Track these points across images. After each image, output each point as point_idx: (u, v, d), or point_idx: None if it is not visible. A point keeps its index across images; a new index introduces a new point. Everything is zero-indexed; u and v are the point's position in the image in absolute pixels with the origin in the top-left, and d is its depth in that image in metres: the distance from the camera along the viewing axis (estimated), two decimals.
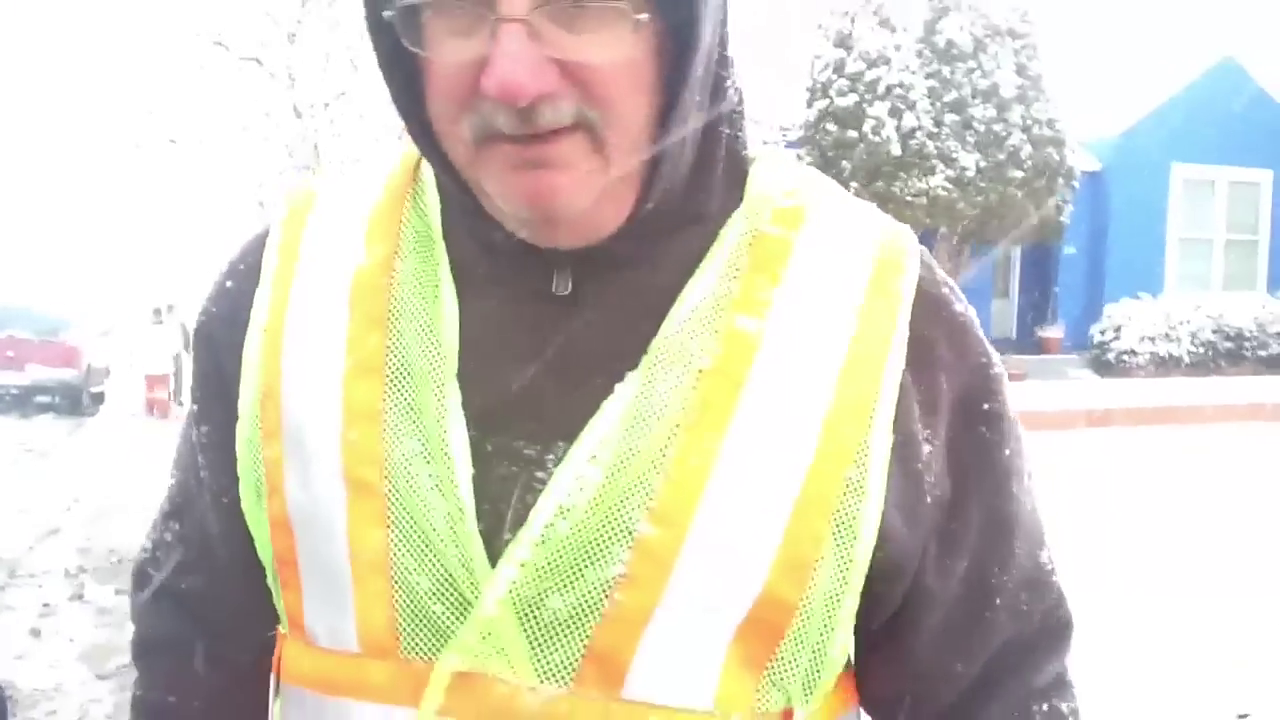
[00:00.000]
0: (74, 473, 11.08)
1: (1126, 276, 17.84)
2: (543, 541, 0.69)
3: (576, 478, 0.70)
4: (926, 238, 16.04)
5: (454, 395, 0.73)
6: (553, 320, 0.75)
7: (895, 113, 15.45)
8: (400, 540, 0.72)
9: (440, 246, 0.79)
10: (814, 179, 0.83)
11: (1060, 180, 15.79)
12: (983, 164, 15.37)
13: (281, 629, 0.83)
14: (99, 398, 20.54)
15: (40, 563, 6.99)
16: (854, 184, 14.63)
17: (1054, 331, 18.00)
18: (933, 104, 15.56)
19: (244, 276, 0.84)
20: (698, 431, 0.70)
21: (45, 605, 6.00)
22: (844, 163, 15.32)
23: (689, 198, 0.77)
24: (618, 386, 0.72)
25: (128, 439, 14.19)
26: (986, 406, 0.80)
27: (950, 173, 15.27)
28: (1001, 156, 15.40)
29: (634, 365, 0.73)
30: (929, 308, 0.79)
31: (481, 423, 0.73)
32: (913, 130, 15.35)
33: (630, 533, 0.69)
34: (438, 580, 0.71)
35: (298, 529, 0.77)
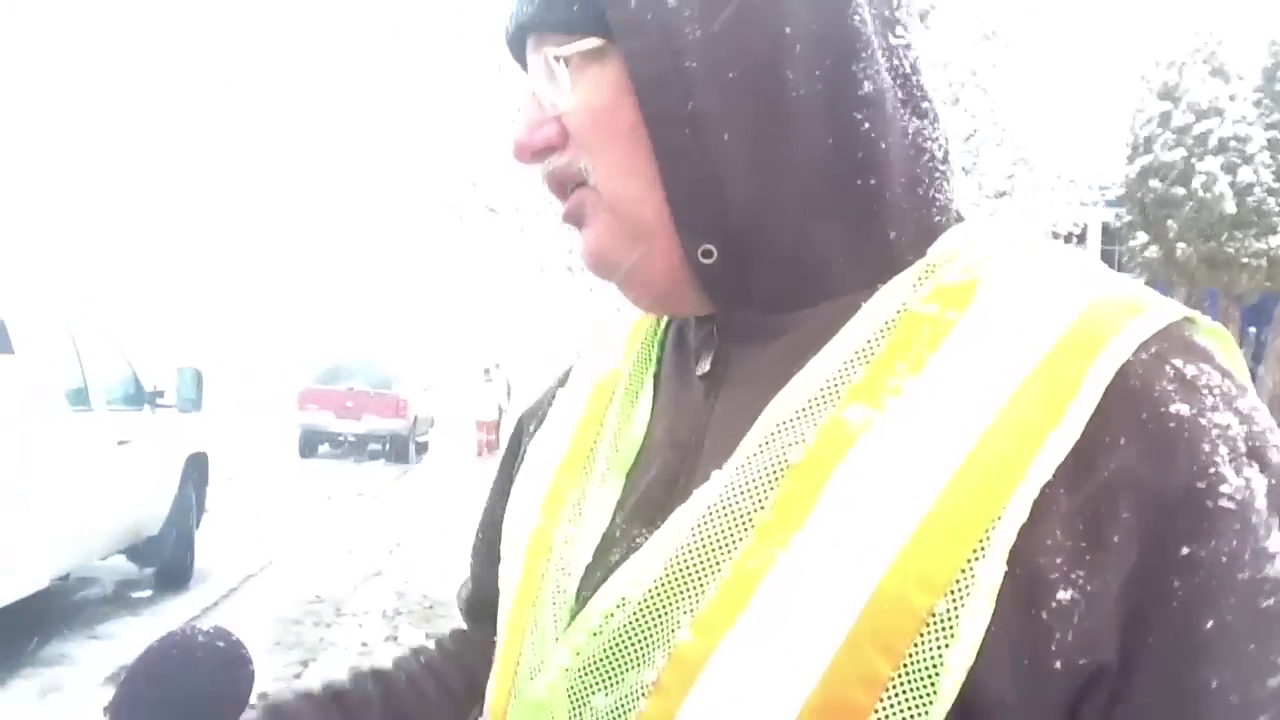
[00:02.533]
0: (398, 518, 11.91)
1: None
2: (597, 632, 0.65)
3: (643, 567, 0.65)
4: (1267, 302, 14.73)
5: (614, 488, 0.73)
6: (691, 402, 0.72)
7: (1229, 167, 14.37)
8: (530, 622, 0.74)
9: (658, 341, 0.80)
10: (1023, 250, 0.67)
11: None
12: None
13: None
14: (423, 447, 22.09)
15: (362, 603, 7.53)
16: (1181, 244, 13.64)
17: None
18: (1273, 156, 14.33)
19: (561, 374, 0.93)
20: (767, 532, 0.60)
21: (364, 644, 6.45)
22: (1169, 222, 14.35)
23: (822, 265, 0.67)
24: (714, 473, 0.65)
25: (452, 484, 15.12)
26: (1187, 551, 0.55)
27: None
28: None
29: None
30: (1128, 404, 0.58)
31: (623, 510, 0.72)
32: (1249, 186, 14.20)
33: (672, 636, 0.61)
34: (538, 661, 0.71)
35: (501, 596, 0.81)
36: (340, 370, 20.59)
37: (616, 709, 0.63)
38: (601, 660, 0.64)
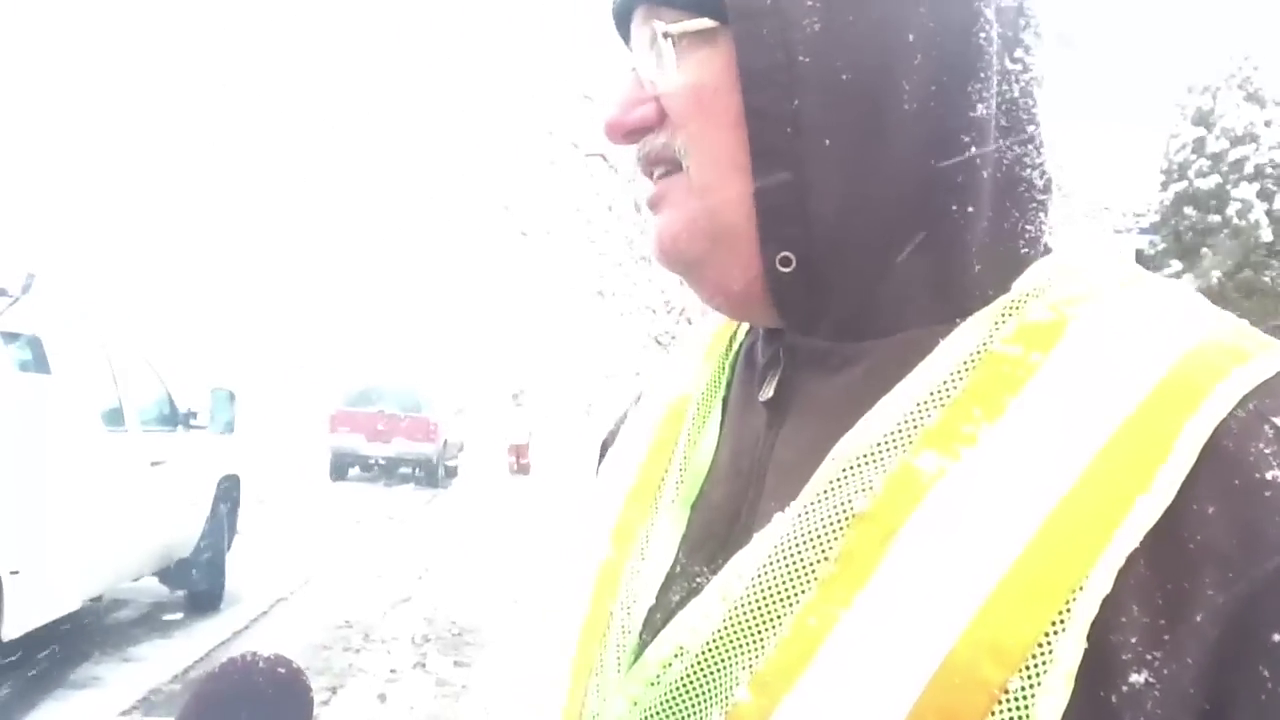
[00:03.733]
0: (427, 542, 11.91)
1: None
2: (654, 683, 0.62)
3: (704, 615, 0.61)
4: None
5: (679, 521, 0.70)
6: (754, 430, 0.68)
7: (1266, 194, 14.22)
8: (596, 661, 0.71)
9: (729, 363, 0.77)
10: (1119, 285, 0.62)
11: None
12: None
13: None
14: (452, 471, 22.12)
15: (391, 629, 7.51)
16: (1216, 273, 13.50)
17: None
18: None
19: (636, 392, 0.89)
20: (831, 587, 0.56)
21: (392, 671, 6.43)
22: (1204, 250, 14.22)
23: (903, 293, 0.63)
24: (777, 516, 0.61)
25: (482, 509, 15.11)
26: (1278, 639, 0.50)
27: None
28: None
29: None
30: (1219, 468, 0.52)
31: (686, 545, 0.68)
32: None
33: (730, 694, 0.58)
34: (601, 704, 0.68)
35: (565, 628, 0.78)
36: (371, 393, 20.69)
37: None
38: (657, 713, 0.62)
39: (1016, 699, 0.51)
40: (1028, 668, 0.51)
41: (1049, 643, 0.51)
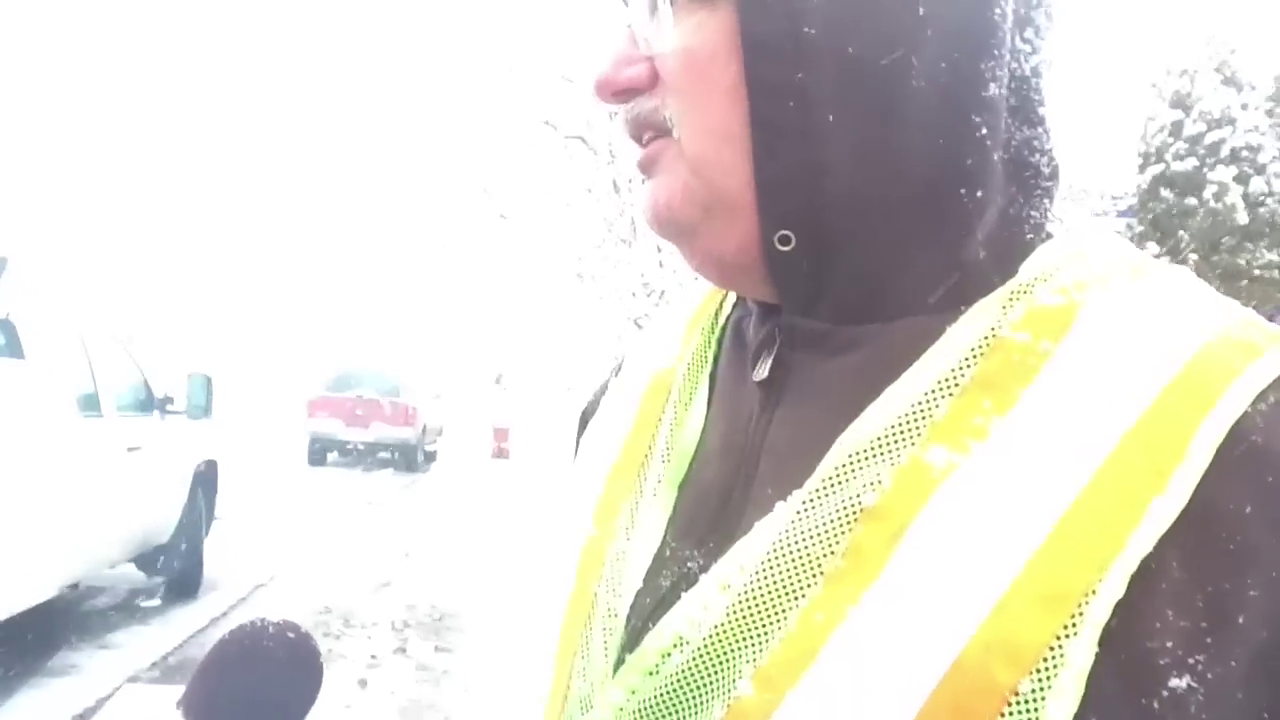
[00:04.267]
0: (407, 527, 11.89)
1: None
2: (653, 673, 0.60)
3: (704, 606, 0.59)
4: (1275, 316, 14.67)
5: (666, 502, 0.68)
6: (746, 410, 0.66)
7: (1242, 178, 14.31)
8: (581, 644, 0.69)
9: (716, 337, 0.74)
10: (1129, 272, 0.60)
11: None
12: None
13: None
14: (431, 456, 22.09)
15: (371, 614, 7.49)
16: (1193, 256, 13.60)
17: None
18: None
19: (616, 363, 0.87)
20: (839, 583, 0.55)
21: (373, 657, 6.41)
22: (1181, 232, 14.32)
23: (907, 277, 0.60)
24: (779, 505, 0.59)
25: (461, 493, 15.10)
26: None
27: None
28: None
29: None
30: (1251, 466, 0.51)
31: (674, 526, 0.66)
32: (1262, 196, 14.15)
33: (732, 687, 0.56)
34: (589, 691, 0.66)
35: (549, 608, 0.77)
36: (349, 378, 20.61)
37: None
38: (657, 705, 0.60)
39: (1027, 701, 0.50)
40: (1039, 670, 0.50)
41: (1060, 645, 0.50)
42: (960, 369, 0.57)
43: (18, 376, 5.57)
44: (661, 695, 0.59)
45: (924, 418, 0.57)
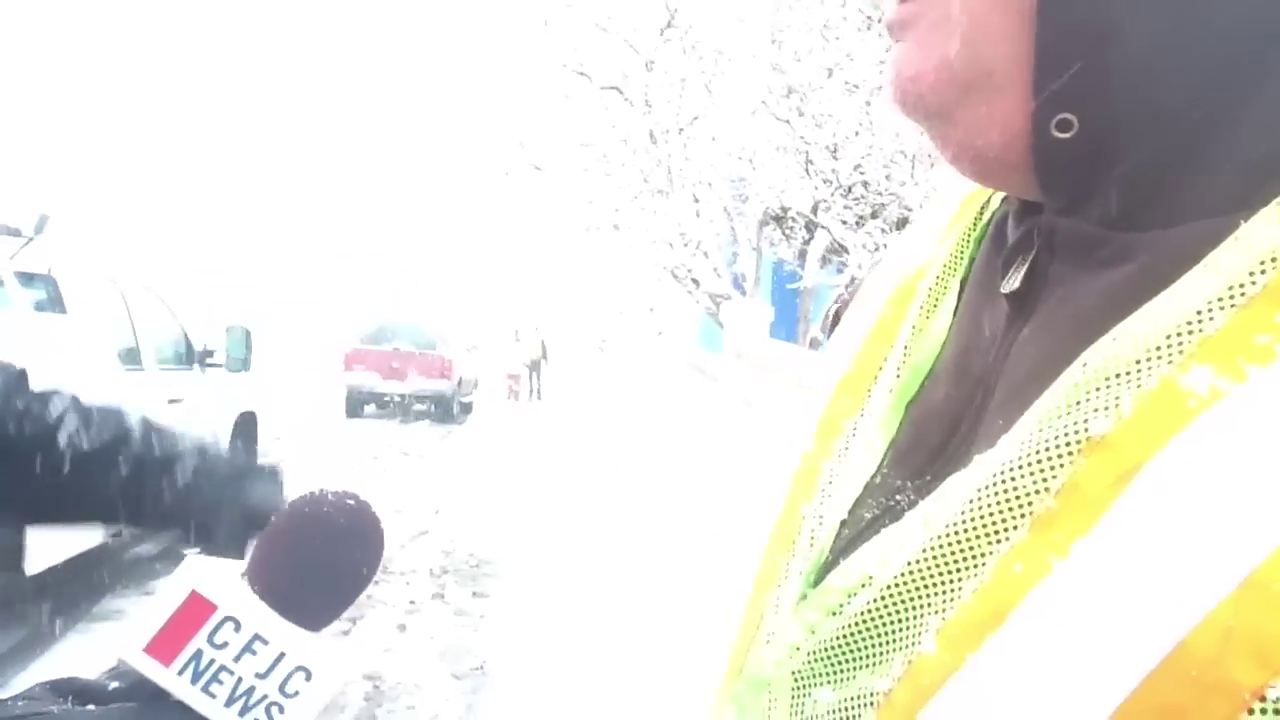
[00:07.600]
0: (444, 477, 12.00)
1: None
2: (835, 612, 0.54)
3: (899, 544, 0.52)
4: None
5: (890, 422, 0.61)
6: (992, 327, 0.57)
7: None
8: (782, 572, 0.63)
9: (975, 237, 0.65)
10: None
11: None
12: None
13: None
14: (467, 407, 22.24)
15: (409, 561, 7.59)
16: None
17: None
18: None
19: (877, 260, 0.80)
20: (1047, 528, 0.45)
21: (411, 602, 6.51)
22: None
23: (1205, 169, 0.49)
24: (1003, 438, 0.50)
25: (498, 443, 15.21)
26: None
27: None
28: None
29: None
30: None
31: (894, 451, 0.59)
32: None
33: (916, 641, 0.49)
34: (778, 624, 0.60)
35: (758, 527, 0.70)
36: (386, 331, 20.72)
37: (841, 711, 0.53)
38: (834, 648, 0.53)
39: (1276, 711, 0.38)
40: None
41: None
42: (1252, 276, 0.44)
43: (60, 331, 5.65)
44: (840, 639, 0.53)
45: (1192, 334, 0.45)
